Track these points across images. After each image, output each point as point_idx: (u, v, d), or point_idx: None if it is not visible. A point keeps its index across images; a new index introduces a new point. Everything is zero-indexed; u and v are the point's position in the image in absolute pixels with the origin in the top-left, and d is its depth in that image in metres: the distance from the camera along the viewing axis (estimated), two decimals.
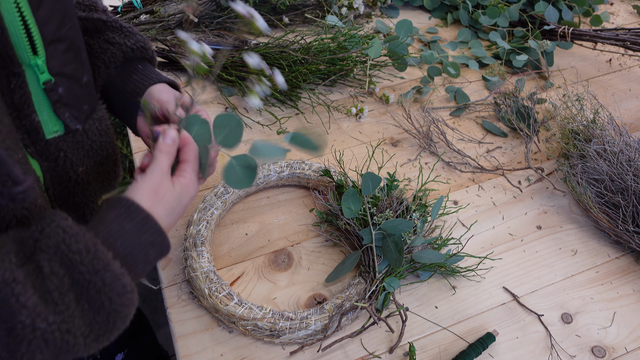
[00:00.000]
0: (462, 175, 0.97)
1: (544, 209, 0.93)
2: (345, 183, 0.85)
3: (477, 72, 1.21)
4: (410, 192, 0.92)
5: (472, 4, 1.33)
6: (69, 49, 0.48)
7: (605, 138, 0.92)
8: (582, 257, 0.86)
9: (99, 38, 0.61)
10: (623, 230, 0.85)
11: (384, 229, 0.74)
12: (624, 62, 1.29)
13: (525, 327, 0.77)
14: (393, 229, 0.74)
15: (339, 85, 1.13)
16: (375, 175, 0.75)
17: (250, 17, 0.53)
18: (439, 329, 0.76)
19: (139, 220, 0.46)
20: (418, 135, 1.03)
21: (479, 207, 0.92)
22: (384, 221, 0.74)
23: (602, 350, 0.75)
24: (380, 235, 0.76)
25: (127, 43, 0.62)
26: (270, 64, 1.04)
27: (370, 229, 0.75)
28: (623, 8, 1.49)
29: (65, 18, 0.47)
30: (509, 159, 1.01)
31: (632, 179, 0.85)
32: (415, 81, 1.17)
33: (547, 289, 0.81)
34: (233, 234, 0.84)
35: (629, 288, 0.83)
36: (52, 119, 0.49)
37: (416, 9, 1.40)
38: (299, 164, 0.89)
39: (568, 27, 1.26)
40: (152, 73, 0.64)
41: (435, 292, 0.80)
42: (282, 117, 1.04)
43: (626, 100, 1.18)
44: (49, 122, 0.48)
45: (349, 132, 1.03)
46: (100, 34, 0.61)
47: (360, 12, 1.29)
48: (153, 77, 0.63)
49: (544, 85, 1.19)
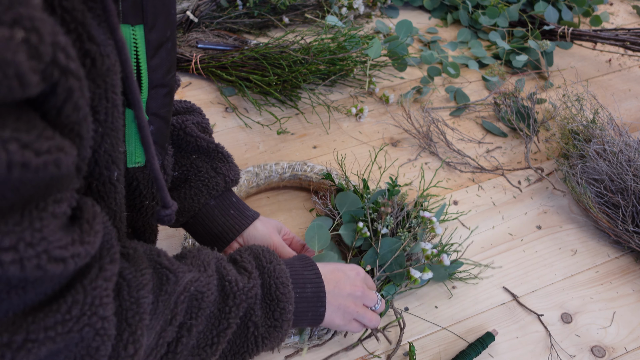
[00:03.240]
0: (462, 175, 0.97)
1: (544, 209, 0.93)
2: (347, 187, 0.85)
3: (477, 72, 1.21)
4: (410, 192, 0.92)
5: (472, 4, 1.33)
6: (168, 94, 0.53)
7: (605, 138, 0.92)
8: (581, 257, 0.86)
9: (208, 163, 0.67)
10: (623, 230, 0.85)
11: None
12: (624, 62, 1.29)
13: (525, 327, 0.77)
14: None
15: (339, 85, 1.13)
16: (349, 194, 0.78)
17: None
18: (439, 329, 0.76)
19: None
20: (418, 135, 1.03)
21: (478, 207, 0.92)
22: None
23: (602, 350, 0.75)
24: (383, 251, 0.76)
25: (230, 175, 0.67)
26: (270, 63, 1.05)
27: (374, 249, 0.75)
28: (623, 8, 1.49)
29: (171, 68, 0.52)
30: (508, 159, 1.02)
31: (631, 179, 0.85)
32: (415, 81, 1.17)
33: (546, 289, 0.82)
34: None
35: (628, 288, 0.83)
36: (138, 151, 0.53)
37: (416, 9, 1.40)
38: (301, 165, 0.89)
39: (568, 27, 1.26)
40: (244, 207, 0.70)
41: (435, 292, 0.80)
42: (282, 117, 1.04)
43: (626, 100, 1.18)
44: (134, 153, 0.52)
45: (349, 132, 1.03)
46: (210, 159, 0.67)
47: (360, 12, 1.29)
48: (247, 215, 0.69)
49: (544, 85, 1.19)
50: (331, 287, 0.62)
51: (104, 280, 0.38)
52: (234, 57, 1.07)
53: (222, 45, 1.13)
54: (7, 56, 0.26)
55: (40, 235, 0.31)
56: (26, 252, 0.31)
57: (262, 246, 0.60)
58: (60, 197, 0.34)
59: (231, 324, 0.52)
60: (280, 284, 0.56)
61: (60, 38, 0.30)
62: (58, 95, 0.31)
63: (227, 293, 0.52)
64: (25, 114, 0.30)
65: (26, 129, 0.29)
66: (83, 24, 0.35)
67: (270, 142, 0.99)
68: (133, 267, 0.44)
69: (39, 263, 0.31)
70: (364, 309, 0.65)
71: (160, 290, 0.46)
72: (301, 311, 0.60)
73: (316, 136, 1.01)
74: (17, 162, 0.28)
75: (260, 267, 0.57)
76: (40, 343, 0.34)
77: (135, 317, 0.41)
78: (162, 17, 0.48)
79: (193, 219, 0.68)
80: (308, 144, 1.00)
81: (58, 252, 0.33)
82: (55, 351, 0.36)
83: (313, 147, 0.99)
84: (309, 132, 1.02)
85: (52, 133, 0.32)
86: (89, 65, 0.37)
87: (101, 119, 0.40)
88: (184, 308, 0.48)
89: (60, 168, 0.32)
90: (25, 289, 0.34)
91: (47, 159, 0.30)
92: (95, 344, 0.38)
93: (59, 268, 0.33)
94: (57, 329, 0.35)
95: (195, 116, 0.68)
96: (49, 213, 0.32)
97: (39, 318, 0.34)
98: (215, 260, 0.54)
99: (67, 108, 0.33)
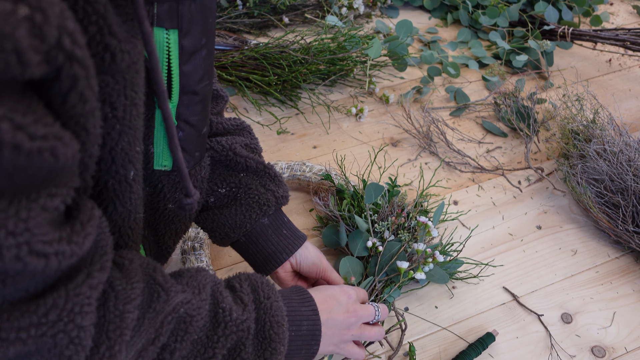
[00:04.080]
0: (462, 175, 0.97)
1: (544, 209, 0.93)
2: (347, 188, 0.85)
3: (477, 72, 1.21)
4: (410, 192, 0.92)
5: (472, 4, 1.33)
6: (200, 102, 0.53)
7: (605, 138, 0.92)
8: (582, 257, 0.86)
9: (257, 181, 0.66)
10: (623, 230, 0.85)
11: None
12: (624, 62, 1.29)
13: (525, 327, 0.77)
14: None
15: (339, 85, 1.13)
16: (379, 186, 0.75)
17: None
18: (439, 329, 0.76)
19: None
20: (418, 135, 1.03)
21: (479, 207, 0.92)
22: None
23: (602, 350, 0.75)
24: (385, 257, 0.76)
25: (279, 192, 0.67)
26: (270, 63, 1.05)
27: (376, 259, 0.75)
28: (623, 8, 1.49)
29: (205, 76, 0.52)
30: (508, 159, 1.01)
31: (632, 179, 0.85)
32: (415, 81, 1.17)
33: (547, 289, 0.81)
34: None
35: (628, 288, 0.83)
36: (166, 154, 0.53)
37: (416, 9, 1.40)
38: (300, 165, 0.89)
39: (568, 27, 1.26)
40: (295, 228, 0.70)
41: (435, 292, 0.80)
42: (282, 117, 1.04)
43: (626, 100, 1.18)
44: (161, 156, 0.53)
45: (349, 132, 1.03)
46: (259, 177, 0.67)
47: (360, 12, 1.29)
48: (299, 235, 0.69)
49: (544, 85, 1.19)
50: (325, 318, 0.60)
51: (88, 288, 0.37)
52: (233, 57, 1.07)
53: (222, 45, 1.13)
54: (6, 29, 0.26)
55: (25, 226, 0.30)
56: (6, 240, 0.30)
57: (261, 277, 0.57)
58: (55, 192, 0.33)
59: (217, 354, 0.50)
60: (275, 323, 0.54)
61: (69, 23, 0.30)
62: (62, 82, 0.31)
63: (219, 321, 0.50)
64: (26, 98, 0.30)
65: (23, 111, 0.29)
66: (105, 17, 0.35)
67: (270, 142, 0.99)
68: (125, 278, 0.42)
69: (19, 254, 0.30)
70: (361, 329, 0.63)
71: (148, 306, 0.44)
72: (294, 349, 0.57)
73: (316, 136, 1.01)
74: (8, 142, 0.27)
75: (257, 301, 0.54)
76: (10, 343, 0.33)
77: (116, 332, 0.40)
78: (198, 25, 0.48)
79: (245, 237, 0.66)
80: (308, 144, 1.00)
81: (40, 247, 0.31)
82: (25, 353, 0.35)
83: (313, 147, 0.99)
84: (308, 132, 1.02)
85: (53, 121, 0.31)
86: (109, 60, 0.36)
87: (119, 116, 0.39)
88: (170, 329, 0.47)
89: (58, 159, 0.31)
90: (4, 283, 0.32)
91: (42, 145, 0.29)
92: (68, 353, 0.37)
93: (40, 263, 0.32)
94: (30, 332, 0.34)
95: (245, 137, 0.68)
96: (38, 205, 0.31)
97: (14, 317, 0.33)
98: (212, 284, 0.52)
99: (72, 97, 0.32)
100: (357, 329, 0.63)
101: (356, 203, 0.82)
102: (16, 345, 0.34)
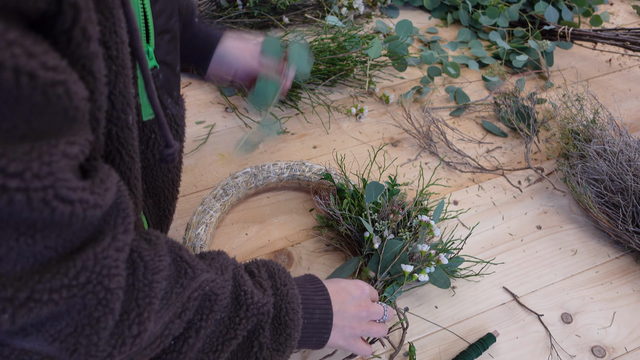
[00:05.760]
0: (462, 175, 0.97)
1: (544, 209, 0.93)
2: (347, 187, 0.85)
3: (477, 72, 1.21)
4: (410, 192, 0.92)
5: (472, 4, 1.33)
6: (172, 40, 0.54)
7: (605, 138, 0.92)
8: (582, 257, 0.86)
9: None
10: (623, 230, 0.85)
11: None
12: (624, 62, 1.29)
13: (525, 327, 0.77)
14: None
15: (339, 85, 1.13)
16: (379, 185, 0.75)
17: None
18: (439, 329, 0.76)
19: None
20: (418, 135, 1.03)
21: (479, 207, 0.92)
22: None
23: (602, 350, 0.75)
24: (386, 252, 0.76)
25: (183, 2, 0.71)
26: None
27: (377, 254, 0.75)
28: (623, 8, 1.49)
29: (173, 12, 0.52)
30: (508, 159, 1.01)
31: (632, 179, 0.85)
32: (415, 81, 1.17)
33: (547, 289, 0.81)
34: (233, 234, 0.84)
35: (628, 288, 0.83)
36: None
37: (416, 9, 1.40)
38: (299, 165, 0.89)
39: (568, 27, 1.26)
40: (207, 26, 0.77)
41: (436, 292, 0.80)
42: (282, 117, 1.04)
43: (626, 100, 1.18)
44: (147, 105, 0.52)
45: (349, 132, 1.03)
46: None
47: (360, 12, 1.29)
48: (215, 30, 0.76)
49: (544, 85, 1.19)
50: (336, 309, 0.61)
51: (115, 251, 0.37)
52: None
53: None
54: None
55: (49, 169, 0.30)
56: (32, 182, 0.29)
57: (277, 265, 0.59)
58: (73, 140, 0.32)
59: (238, 335, 0.51)
60: (291, 310, 0.55)
61: None
62: (65, 14, 0.30)
63: (241, 303, 0.52)
64: (32, 35, 0.29)
65: (32, 42, 0.28)
66: None
67: (270, 142, 0.99)
68: (153, 250, 0.43)
69: (45, 197, 0.30)
70: (370, 325, 0.64)
71: (176, 281, 0.45)
72: (306, 336, 0.59)
73: (316, 136, 1.01)
74: (24, 68, 0.27)
75: (274, 287, 0.56)
76: (43, 304, 0.34)
77: (145, 300, 0.41)
78: None
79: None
80: (308, 144, 1.00)
81: (65, 192, 0.31)
82: (56, 314, 0.36)
83: (313, 147, 0.99)
84: (308, 132, 1.02)
85: (60, 57, 0.30)
86: None
87: (113, 55, 0.39)
88: (196, 305, 0.48)
89: (71, 98, 0.30)
90: (34, 238, 0.32)
91: (55, 77, 0.29)
92: (96, 314, 0.37)
93: (66, 210, 0.32)
94: (62, 293, 0.35)
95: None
96: (59, 150, 0.31)
97: (46, 278, 0.34)
98: (233, 267, 0.54)
99: (75, 33, 0.32)
100: (367, 324, 0.64)
101: (356, 202, 0.82)
102: (49, 306, 0.34)
